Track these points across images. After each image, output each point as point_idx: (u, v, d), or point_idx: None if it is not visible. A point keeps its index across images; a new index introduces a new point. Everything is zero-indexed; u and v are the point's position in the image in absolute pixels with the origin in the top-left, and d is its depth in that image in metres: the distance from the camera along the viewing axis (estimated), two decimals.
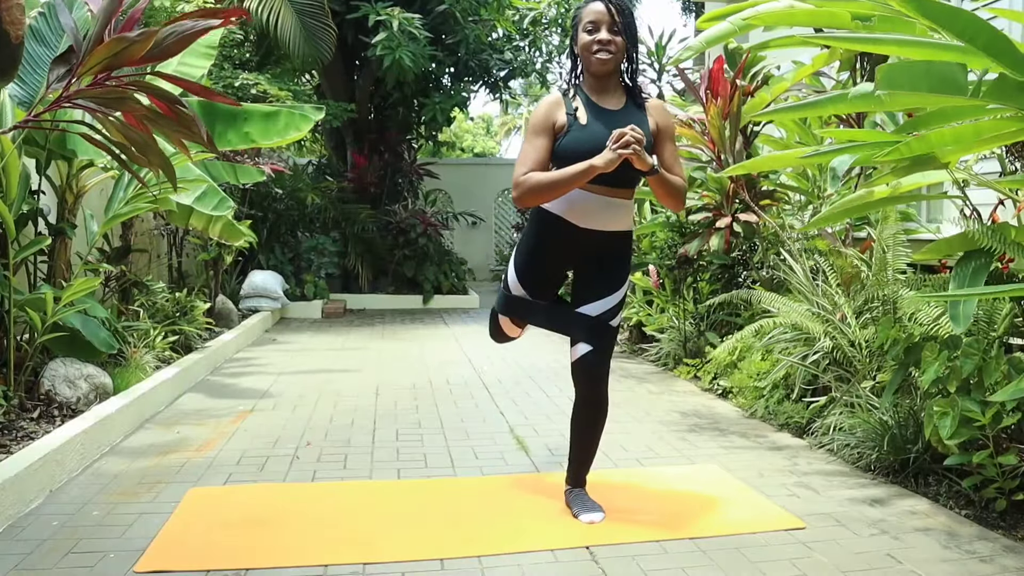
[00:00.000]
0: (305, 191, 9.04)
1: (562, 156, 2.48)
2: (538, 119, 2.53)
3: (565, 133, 2.49)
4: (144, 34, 2.51)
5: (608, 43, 2.47)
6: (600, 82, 2.55)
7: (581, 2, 2.57)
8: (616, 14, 2.47)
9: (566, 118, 2.51)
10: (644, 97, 2.61)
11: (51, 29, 4.23)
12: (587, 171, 2.38)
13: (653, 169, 2.41)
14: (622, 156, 2.33)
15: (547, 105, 2.55)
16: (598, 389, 2.67)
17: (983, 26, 1.95)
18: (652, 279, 5.67)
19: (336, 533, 2.55)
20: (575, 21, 2.56)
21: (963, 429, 2.59)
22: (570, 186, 2.43)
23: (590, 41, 2.48)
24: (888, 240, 3.52)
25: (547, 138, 2.50)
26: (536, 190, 2.45)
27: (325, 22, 8.23)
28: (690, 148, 4.57)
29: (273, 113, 4.97)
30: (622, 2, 2.51)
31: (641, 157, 2.34)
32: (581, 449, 2.75)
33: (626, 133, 2.33)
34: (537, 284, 2.68)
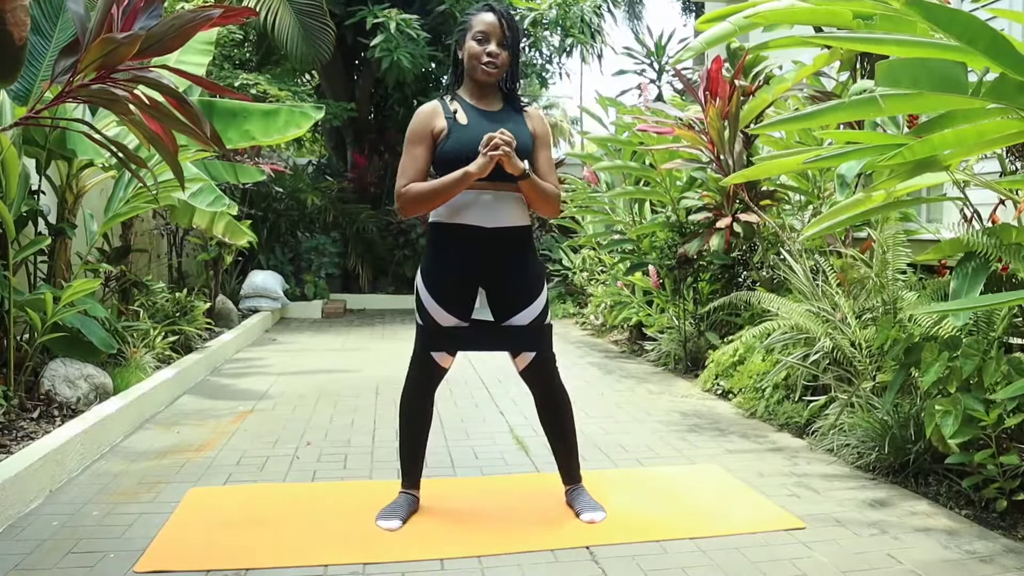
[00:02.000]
0: (305, 191, 9.05)
1: (446, 159, 2.50)
2: (415, 129, 2.56)
3: (447, 136, 2.51)
4: (131, 36, 2.50)
5: (496, 56, 2.53)
6: (481, 89, 2.60)
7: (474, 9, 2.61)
8: (507, 28, 2.54)
9: (445, 122, 2.54)
10: (523, 103, 2.67)
11: (45, 17, 4.19)
12: (463, 178, 2.42)
13: (524, 173, 2.46)
14: (494, 159, 2.38)
15: (423, 115, 2.58)
16: (552, 386, 2.68)
17: (983, 28, 1.95)
18: (652, 279, 5.67)
19: (336, 533, 2.54)
20: (464, 26, 2.59)
21: (966, 428, 2.59)
22: (449, 194, 2.46)
23: (480, 52, 2.52)
24: (888, 240, 3.52)
25: (425, 147, 2.54)
26: (417, 199, 2.48)
27: (324, 22, 8.23)
28: (690, 149, 4.57)
29: (273, 111, 4.97)
30: (511, 16, 2.59)
31: (511, 160, 2.40)
32: (560, 445, 2.75)
33: (495, 137, 2.39)
34: (453, 302, 2.60)
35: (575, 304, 8.86)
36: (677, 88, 10.14)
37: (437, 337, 2.66)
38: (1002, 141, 2.35)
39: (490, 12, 2.55)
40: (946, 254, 3.04)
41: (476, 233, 2.53)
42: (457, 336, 2.64)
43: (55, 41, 4.20)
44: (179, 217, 5.72)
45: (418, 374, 2.73)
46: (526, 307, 2.59)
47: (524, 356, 2.63)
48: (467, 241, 2.54)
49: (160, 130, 2.72)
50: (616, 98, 7.21)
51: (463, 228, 2.54)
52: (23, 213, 3.94)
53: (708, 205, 4.92)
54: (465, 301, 2.61)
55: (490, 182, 2.50)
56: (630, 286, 6.33)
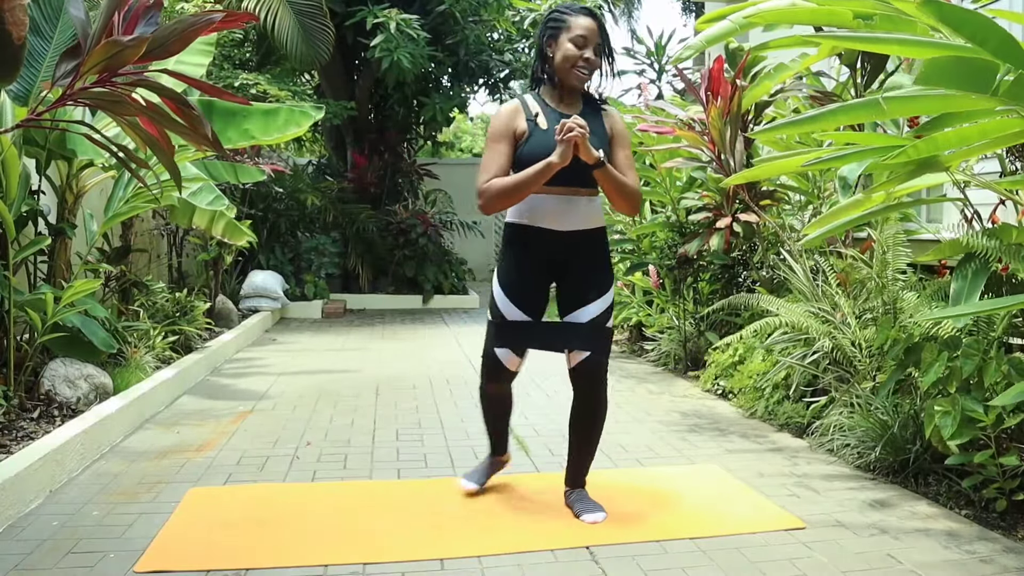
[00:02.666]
0: (305, 191, 9.04)
1: (526, 161, 2.50)
2: (498, 127, 2.56)
3: (527, 139, 2.53)
4: (137, 39, 2.51)
5: (592, 62, 2.53)
6: (564, 90, 2.61)
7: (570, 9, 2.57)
8: (603, 36, 2.55)
9: (527, 124, 2.55)
10: (602, 104, 2.67)
11: (45, 18, 4.20)
12: (545, 169, 2.42)
13: (600, 162, 2.44)
14: (570, 140, 2.36)
15: (507, 113, 2.59)
16: (598, 392, 2.67)
17: (995, 29, 1.94)
18: (652, 279, 5.67)
19: (336, 533, 2.54)
20: (558, 23, 2.55)
21: (965, 429, 2.59)
22: (531, 186, 2.46)
23: (577, 56, 2.51)
24: (888, 240, 3.52)
25: (508, 145, 2.54)
26: (500, 195, 2.48)
27: (323, 23, 8.23)
28: (690, 148, 4.57)
29: (273, 110, 4.98)
30: (604, 22, 2.60)
31: (585, 145, 2.38)
32: (580, 452, 2.75)
33: (567, 122, 2.38)
34: (525, 299, 2.63)
35: None
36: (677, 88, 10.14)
37: (503, 333, 2.67)
38: (1004, 141, 2.35)
39: (590, 17, 2.54)
40: (946, 255, 3.04)
41: (549, 235, 2.57)
42: (523, 332, 2.65)
43: (55, 43, 4.20)
44: (179, 217, 5.71)
45: (487, 372, 2.80)
46: (590, 304, 2.60)
47: (577, 354, 2.61)
48: (540, 242, 2.59)
49: (157, 133, 2.72)
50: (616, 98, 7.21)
51: (537, 231, 2.58)
52: (23, 213, 3.94)
53: (708, 205, 4.92)
54: (537, 299, 2.65)
55: (565, 186, 2.52)
56: (630, 286, 6.33)
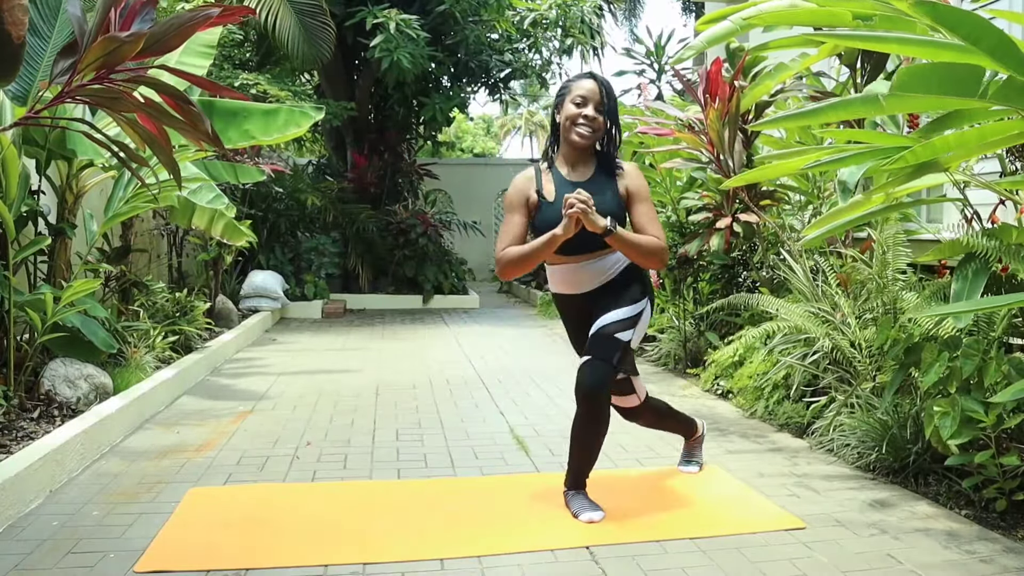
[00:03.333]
0: (305, 191, 9.05)
1: (537, 230, 2.67)
2: (512, 197, 2.71)
3: (538, 209, 2.67)
4: (134, 35, 2.51)
5: (592, 120, 2.64)
6: (575, 153, 2.70)
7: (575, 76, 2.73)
8: (605, 96, 2.64)
9: (536, 196, 2.67)
10: (617, 166, 2.74)
11: (43, 18, 4.20)
12: (551, 240, 2.53)
13: (607, 230, 2.50)
14: (572, 217, 2.45)
15: (520, 183, 2.73)
16: (590, 400, 2.61)
17: (990, 30, 1.94)
18: (652, 279, 5.67)
19: (336, 533, 2.54)
20: (563, 91, 2.70)
21: (964, 429, 2.59)
22: (541, 255, 2.60)
23: (576, 114, 2.63)
24: (888, 240, 3.52)
25: (522, 214, 2.68)
26: (512, 263, 2.63)
27: (324, 21, 8.23)
28: (689, 149, 4.57)
29: (273, 110, 4.98)
30: (610, 85, 2.69)
31: (589, 218, 2.45)
32: (579, 457, 2.74)
33: (569, 198, 2.46)
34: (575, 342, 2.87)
35: None
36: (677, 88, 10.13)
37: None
38: (1003, 142, 2.35)
39: (591, 79, 2.67)
40: (946, 255, 3.04)
41: (570, 298, 2.79)
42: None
43: (53, 42, 4.20)
44: (179, 217, 5.72)
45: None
46: (604, 314, 2.66)
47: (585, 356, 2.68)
48: (566, 302, 2.81)
49: (156, 130, 2.72)
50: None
51: (568, 296, 2.79)
52: (23, 213, 3.94)
53: (708, 205, 4.92)
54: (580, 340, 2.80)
55: (579, 254, 2.65)
56: None
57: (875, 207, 2.91)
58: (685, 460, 3.21)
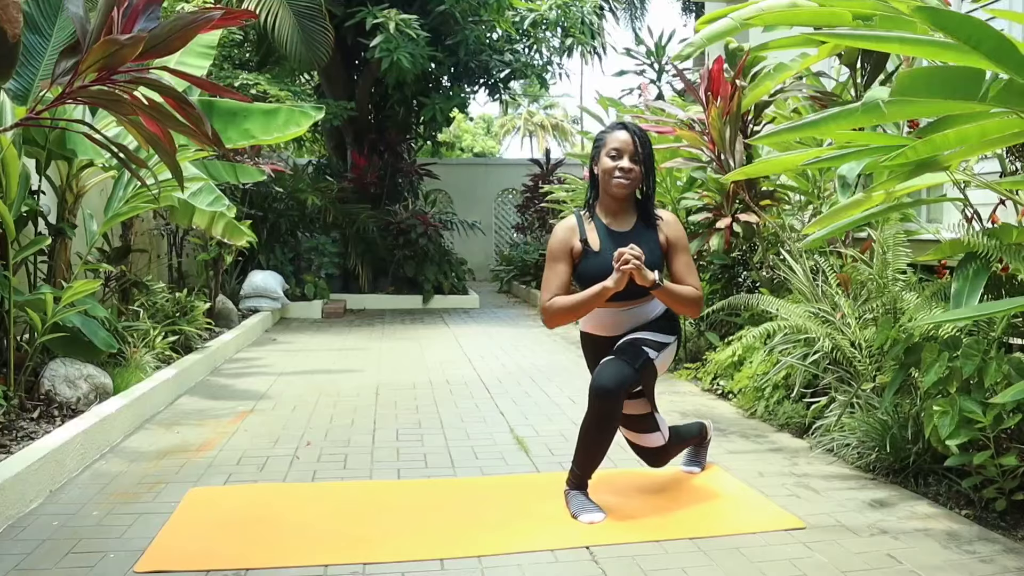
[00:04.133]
0: (305, 191, 9.05)
1: (581, 280, 2.73)
2: (555, 246, 2.77)
3: (582, 258, 2.73)
4: (134, 38, 2.51)
5: (629, 171, 2.70)
6: (616, 203, 2.77)
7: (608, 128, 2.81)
8: (639, 144, 2.70)
9: (580, 245, 2.73)
10: (657, 218, 2.80)
11: (43, 15, 4.20)
12: (601, 293, 2.60)
13: (656, 284, 2.58)
14: (625, 273, 2.51)
15: (563, 232, 2.77)
16: (606, 400, 2.60)
17: (990, 32, 1.94)
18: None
19: (336, 533, 2.54)
20: (599, 144, 2.77)
21: (963, 430, 2.59)
22: (590, 306, 2.66)
23: (612, 167, 2.70)
24: (888, 240, 3.52)
25: (566, 263, 2.75)
26: (561, 313, 2.69)
27: (322, 24, 8.23)
28: (690, 148, 4.57)
29: (273, 110, 4.98)
30: (644, 134, 2.75)
31: (641, 273, 2.53)
32: (585, 457, 2.73)
33: (624, 252, 2.52)
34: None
35: None
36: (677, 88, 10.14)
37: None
38: (1004, 141, 2.35)
39: (623, 130, 2.74)
40: (946, 255, 3.04)
41: (604, 339, 2.81)
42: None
43: (53, 41, 4.20)
44: (179, 217, 5.72)
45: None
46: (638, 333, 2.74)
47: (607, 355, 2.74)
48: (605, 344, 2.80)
49: (159, 131, 2.72)
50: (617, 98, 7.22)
51: (603, 338, 2.81)
52: (23, 213, 3.94)
53: (708, 205, 4.92)
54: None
55: (624, 301, 2.70)
56: None
57: (875, 207, 2.91)
58: (689, 461, 3.21)
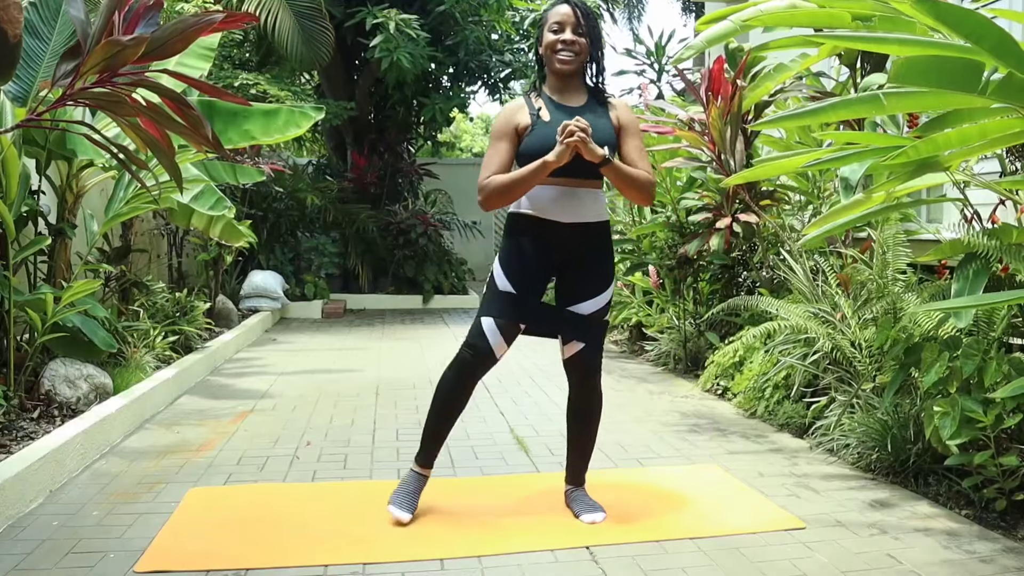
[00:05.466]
0: (305, 191, 9.05)
1: (528, 154, 2.52)
2: (499, 125, 2.60)
3: (530, 131, 2.54)
4: (136, 39, 2.50)
5: (572, 43, 2.55)
6: (562, 81, 2.62)
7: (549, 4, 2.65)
8: (581, 16, 2.56)
9: (529, 118, 2.57)
10: (607, 96, 2.67)
11: (43, 20, 4.21)
12: (541, 167, 2.43)
13: (605, 160, 2.44)
14: (569, 145, 2.38)
15: (508, 111, 2.62)
16: (592, 383, 2.68)
17: (992, 28, 1.94)
18: (652, 279, 5.67)
19: (336, 533, 2.55)
20: (541, 22, 2.64)
21: (964, 429, 2.59)
22: (529, 184, 2.48)
23: (554, 40, 2.56)
24: (888, 240, 3.52)
25: (509, 142, 2.56)
26: (498, 191, 2.50)
27: (322, 24, 8.23)
28: (690, 148, 4.57)
29: (273, 111, 4.98)
30: (587, 7, 2.60)
31: (588, 147, 2.39)
32: (579, 446, 2.75)
33: (570, 124, 2.39)
34: (524, 279, 2.60)
35: None
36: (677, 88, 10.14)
37: (499, 302, 2.60)
38: (1004, 141, 2.35)
39: (564, 3, 2.58)
40: (947, 255, 3.04)
41: (553, 227, 2.56)
42: (517, 307, 2.60)
43: (53, 44, 4.20)
44: (178, 218, 5.72)
45: (466, 355, 2.63)
46: (591, 298, 2.61)
47: (573, 345, 2.62)
48: (544, 233, 2.57)
49: (158, 133, 2.72)
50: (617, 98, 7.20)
51: (541, 222, 2.56)
52: (23, 213, 3.94)
53: (708, 205, 4.92)
54: (536, 283, 2.62)
55: (570, 177, 2.51)
56: (630, 286, 6.33)
57: (875, 206, 2.91)
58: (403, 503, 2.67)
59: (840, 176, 3.21)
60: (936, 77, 2.05)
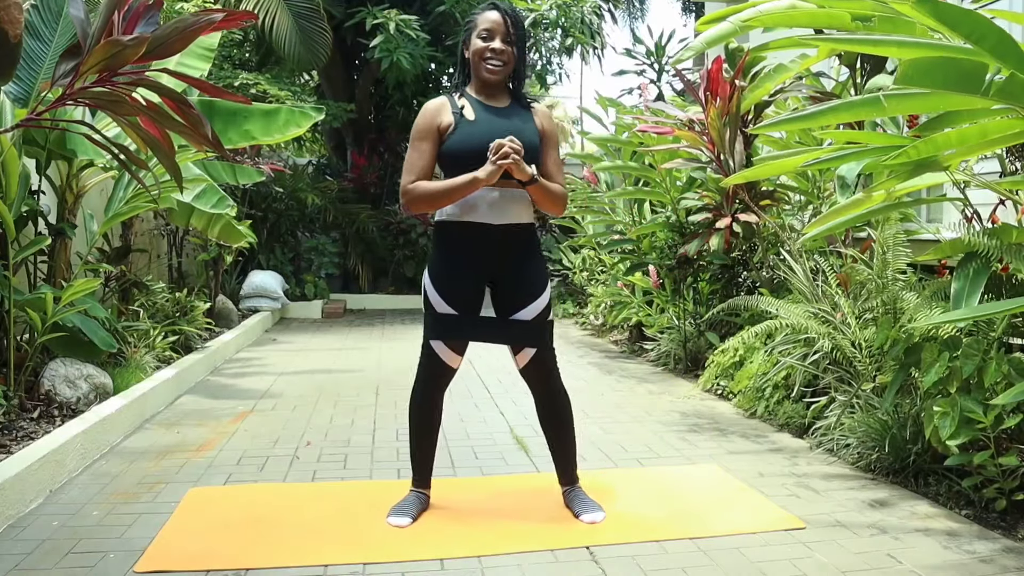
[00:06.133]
0: (305, 191, 9.05)
1: (452, 153, 2.52)
2: (421, 125, 2.57)
3: (453, 131, 2.52)
4: (137, 39, 2.51)
5: (501, 52, 2.55)
6: (488, 87, 2.61)
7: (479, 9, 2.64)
8: (511, 25, 2.55)
9: (452, 117, 2.55)
10: (529, 101, 2.67)
11: (44, 22, 4.22)
12: (471, 183, 2.44)
13: (532, 179, 2.46)
14: (502, 167, 2.40)
15: (429, 111, 2.59)
16: (551, 385, 2.69)
17: (992, 28, 1.95)
18: (652, 279, 5.67)
19: (336, 533, 2.55)
20: (469, 26, 2.62)
21: (964, 430, 2.59)
22: (455, 196, 2.48)
23: (483, 48, 2.55)
24: (888, 240, 3.52)
25: (431, 143, 2.54)
26: (424, 199, 2.50)
27: (321, 25, 8.23)
28: (690, 149, 4.57)
29: (273, 111, 4.98)
30: (517, 14, 2.59)
31: (520, 167, 2.41)
32: (560, 446, 2.76)
33: (504, 144, 2.39)
34: (458, 298, 2.58)
35: (575, 304, 8.86)
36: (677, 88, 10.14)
37: (441, 325, 2.61)
38: (1004, 141, 2.35)
39: (494, 10, 2.56)
40: (946, 254, 3.04)
41: (483, 230, 2.54)
42: (461, 326, 2.61)
43: (54, 45, 4.21)
44: (177, 218, 5.72)
45: (425, 374, 2.71)
46: (530, 303, 2.60)
47: (525, 352, 2.63)
48: (475, 238, 2.55)
49: (158, 133, 2.72)
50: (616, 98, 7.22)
51: (471, 226, 2.54)
52: (23, 213, 3.94)
53: (708, 205, 4.92)
54: (471, 298, 2.61)
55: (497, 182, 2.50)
56: (630, 286, 6.33)
57: (875, 206, 2.91)
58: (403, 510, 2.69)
59: (838, 175, 3.21)
60: (941, 79, 2.05)
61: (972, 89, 2.05)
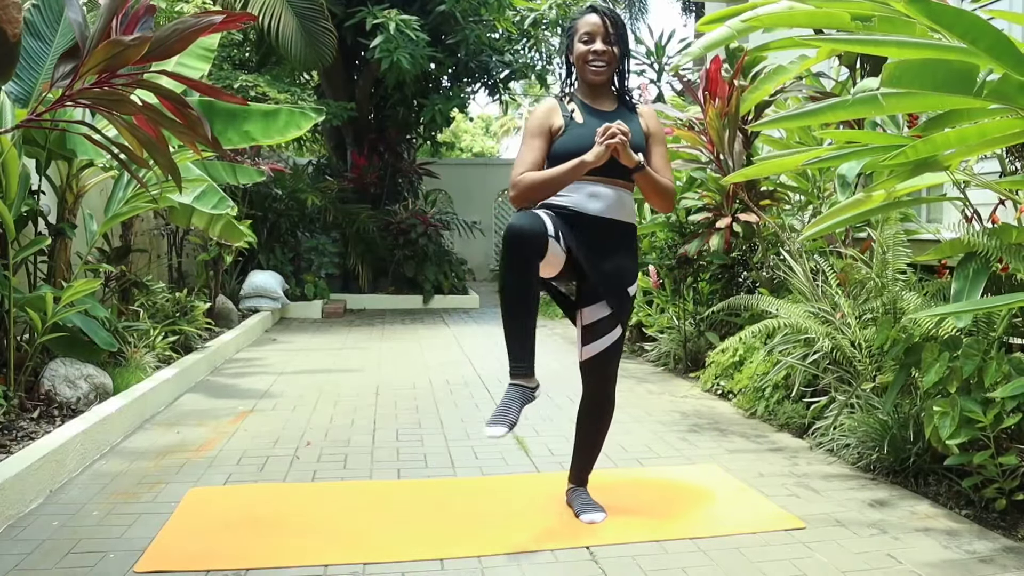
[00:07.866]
0: (305, 191, 9.05)
1: (561, 154, 2.54)
2: (535, 123, 2.62)
3: (563, 132, 2.57)
4: (139, 39, 2.51)
5: (603, 54, 2.58)
6: (594, 89, 2.65)
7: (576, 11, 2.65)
8: (611, 26, 2.58)
9: (563, 120, 2.59)
10: (635, 103, 2.71)
11: (46, 22, 4.22)
12: (578, 166, 2.45)
13: (639, 165, 2.47)
14: (609, 147, 2.40)
15: (544, 110, 2.64)
16: (609, 386, 2.67)
17: (987, 28, 1.95)
18: (652, 279, 5.67)
19: (336, 533, 2.55)
20: (570, 31, 2.66)
21: (963, 429, 2.59)
22: (563, 182, 2.50)
23: (586, 51, 2.58)
24: (888, 240, 3.52)
25: (543, 140, 2.58)
26: (531, 188, 2.51)
27: (324, 25, 8.23)
28: (689, 149, 4.57)
29: (273, 112, 4.98)
30: (616, 15, 2.62)
31: (626, 151, 2.42)
32: (589, 448, 2.75)
33: (611, 127, 2.41)
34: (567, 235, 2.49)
35: None
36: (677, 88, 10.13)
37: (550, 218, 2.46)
38: (1003, 141, 2.35)
39: (593, 12, 2.60)
40: (946, 254, 3.04)
41: (580, 216, 2.54)
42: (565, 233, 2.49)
43: (55, 46, 4.21)
44: (177, 218, 5.72)
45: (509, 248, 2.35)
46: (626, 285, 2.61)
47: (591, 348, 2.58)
48: (572, 222, 2.53)
49: (155, 134, 2.72)
50: None
51: (568, 211, 2.55)
52: (23, 213, 3.94)
53: (708, 205, 4.92)
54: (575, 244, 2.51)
55: (603, 176, 2.52)
56: None
57: (875, 205, 2.91)
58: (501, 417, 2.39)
59: (837, 175, 3.21)
60: (930, 80, 2.05)
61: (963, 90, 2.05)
